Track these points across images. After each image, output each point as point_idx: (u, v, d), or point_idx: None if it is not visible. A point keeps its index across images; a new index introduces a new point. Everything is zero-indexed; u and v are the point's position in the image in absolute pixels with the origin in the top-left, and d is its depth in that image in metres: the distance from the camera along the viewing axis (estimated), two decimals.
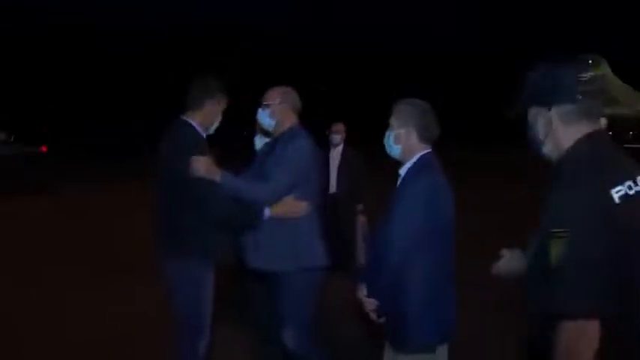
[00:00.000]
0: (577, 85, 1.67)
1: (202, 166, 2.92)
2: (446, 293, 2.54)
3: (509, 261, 2.04)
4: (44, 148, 14.13)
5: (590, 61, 2.38)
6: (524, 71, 1.82)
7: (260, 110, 3.27)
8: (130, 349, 4.14)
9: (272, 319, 3.27)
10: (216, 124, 3.26)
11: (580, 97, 1.67)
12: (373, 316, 2.64)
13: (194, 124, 3.12)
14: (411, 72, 37.41)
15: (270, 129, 3.30)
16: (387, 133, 2.66)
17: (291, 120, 3.25)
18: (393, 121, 2.65)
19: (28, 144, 14.34)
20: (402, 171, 2.62)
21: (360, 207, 6.18)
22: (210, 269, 3.08)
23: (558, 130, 1.71)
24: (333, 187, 6.09)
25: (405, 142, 2.61)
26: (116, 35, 35.00)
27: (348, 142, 6.29)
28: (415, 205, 2.45)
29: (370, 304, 2.61)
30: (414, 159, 2.59)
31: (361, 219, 6.16)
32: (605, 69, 1.80)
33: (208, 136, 3.23)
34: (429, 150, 2.63)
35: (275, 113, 3.22)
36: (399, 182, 2.62)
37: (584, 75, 1.67)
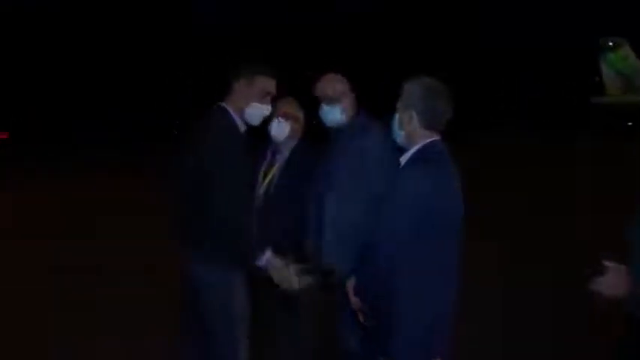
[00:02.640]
0: None
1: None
2: (439, 305, 2.20)
3: (616, 278, 1.92)
4: (4, 135, 13.44)
5: (611, 43, 2.39)
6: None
7: (325, 107, 2.85)
8: None
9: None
10: (254, 112, 2.81)
11: None
12: (360, 316, 2.42)
13: (230, 110, 2.81)
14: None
15: (338, 125, 2.88)
16: (394, 116, 2.36)
17: (354, 110, 2.87)
18: (398, 103, 2.33)
19: None
20: (403, 159, 2.31)
21: None
22: (242, 276, 2.74)
23: None
24: None
25: (407, 128, 2.29)
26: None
27: None
28: (405, 203, 2.16)
29: (357, 302, 2.42)
30: (416, 147, 2.28)
31: None
32: (627, 51, 1.78)
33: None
34: (434, 138, 2.28)
35: (348, 108, 2.85)
36: (398, 172, 2.32)
37: None
